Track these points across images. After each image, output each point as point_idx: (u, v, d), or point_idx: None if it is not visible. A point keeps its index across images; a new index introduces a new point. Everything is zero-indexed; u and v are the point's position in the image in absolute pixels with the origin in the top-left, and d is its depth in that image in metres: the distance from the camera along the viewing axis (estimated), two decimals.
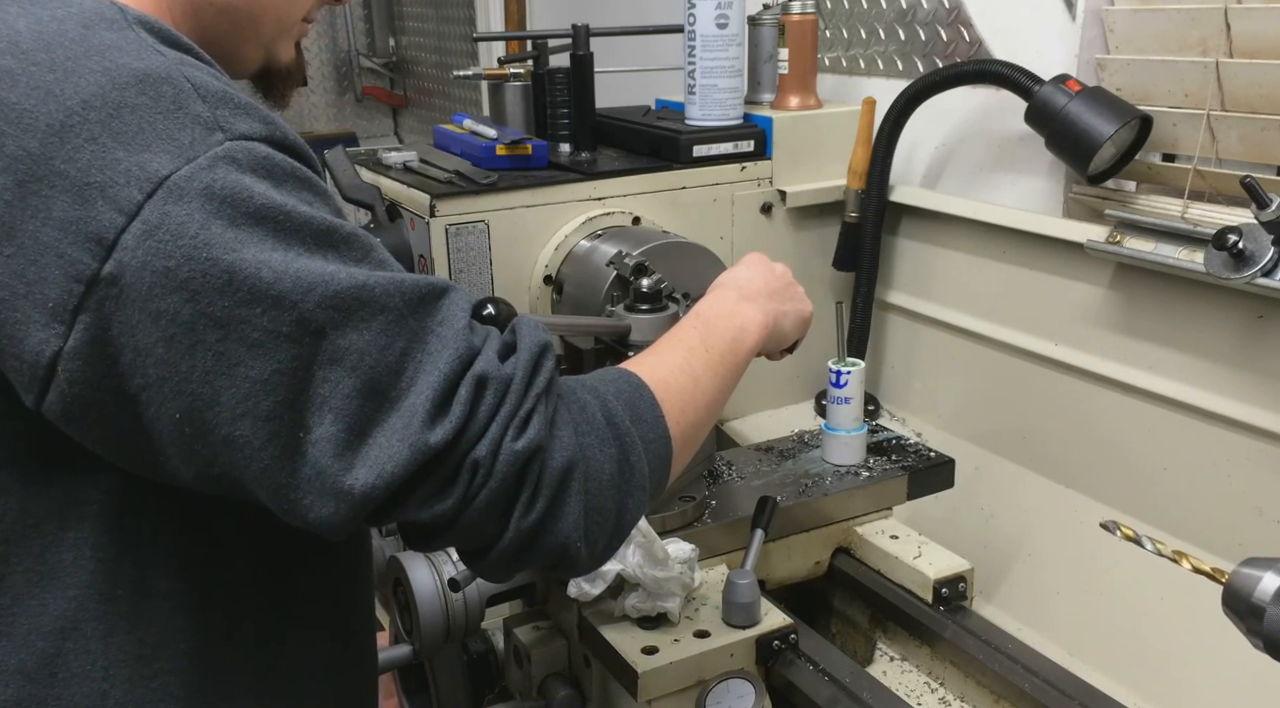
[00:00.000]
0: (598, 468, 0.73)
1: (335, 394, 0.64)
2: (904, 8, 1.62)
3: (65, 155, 0.62)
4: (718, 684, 1.07)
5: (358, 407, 0.64)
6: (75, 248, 0.62)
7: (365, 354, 0.65)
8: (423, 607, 1.14)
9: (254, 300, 0.62)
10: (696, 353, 0.87)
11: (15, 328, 0.63)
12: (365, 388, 0.65)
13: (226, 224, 0.62)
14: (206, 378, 0.63)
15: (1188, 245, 1.21)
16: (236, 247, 0.62)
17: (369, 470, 0.64)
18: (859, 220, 1.61)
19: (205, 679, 0.76)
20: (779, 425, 1.61)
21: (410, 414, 0.65)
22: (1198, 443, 1.27)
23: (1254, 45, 1.20)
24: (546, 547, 0.71)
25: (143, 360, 0.63)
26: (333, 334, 0.64)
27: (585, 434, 0.73)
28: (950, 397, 1.61)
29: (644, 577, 1.08)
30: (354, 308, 0.64)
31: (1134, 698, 1.13)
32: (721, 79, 1.57)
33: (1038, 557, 1.40)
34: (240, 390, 0.63)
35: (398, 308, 0.66)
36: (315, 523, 0.66)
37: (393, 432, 0.65)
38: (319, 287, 0.63)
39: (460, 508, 0.68)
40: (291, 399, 0.64)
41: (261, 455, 0.64)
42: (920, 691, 1.20)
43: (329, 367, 0.64)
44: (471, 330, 0.70)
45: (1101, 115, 1.29)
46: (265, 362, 0.63)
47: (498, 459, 0.68)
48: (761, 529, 1.17)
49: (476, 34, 3.12)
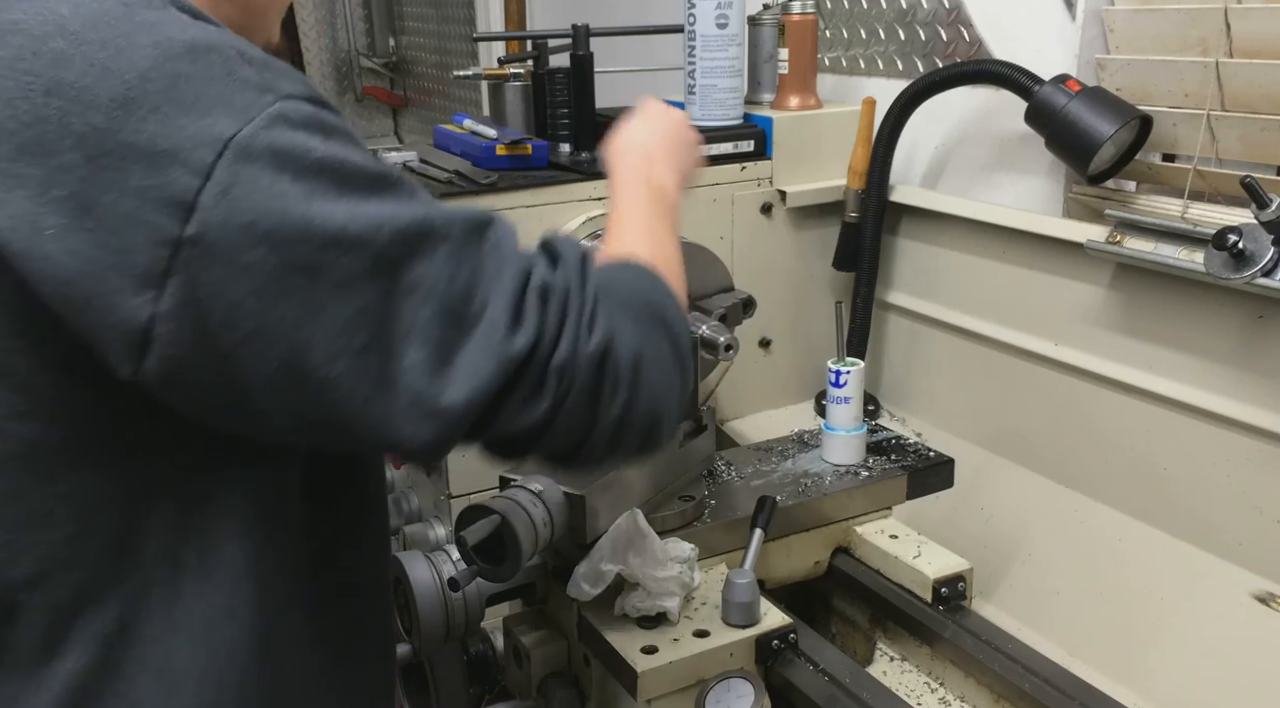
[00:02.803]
0: (656, 349, 0.80)
1: (418, 322, 0.69)
2: (904, 8, 1.62)
3: (132, 127, 0.64)
4: (717, 684, 1.07)
5: (440, 331, 0.70)
6: (156, 214, 0.64)
7: (437, 281, 0.70)
8: (422, 606, 1.14)
9: (332, 245, 0.66)
10: (658, 232, 0.95)
11: (106, 299, 0.65)
12: (443, 312, 0.70)
13: (293, 178, 0.66)
14: (298, 324, 0.66)
15: (1188, 245, 1.21)
16: (307, 197, 0.66)
17: (461, 387, 0.70)
18: (859, 220, 1.61)
19: (267, 642, 0.79)
20: (779, 425, 1.61)
21: (490, 330, 0.71)
22: (1198, 443, 1.27)
23: (1254, 45, 1.20)
24: (634, 431, 0.79)
25: (235, 315, 0.66)
26: (405, 267, 0.69)
27: (639, 322, 0.79)
28: (950, 397, 1.61)
29: (644, 577, 1.08)
30: (420, 240, 0.69)
31: (1134, 698, 1.13)
32: (721, 79, 1.57)
33: (1037, 557, 1.40)
34: (331, 332, 0.67)
35: (457, 236, 0.72)
36: (418, 449, 0.71)
37: (477, 349, 0.70)
38: (386, 225, 0.68)
39: (553, 412, 0.74)
40: (379, 333, 0.68)
41: (359, 392, 0.68)
42: (920, 691, 1.20)
43: (407, 297, 0.69)
44: (520, 248, 0.76)
45: (1101, 115, 1.29)
46: (350, 301, 0.67)
47: (578, 360, 0.74)
48: (761, 529, 1.17)
49: (476, 34, 3.12)
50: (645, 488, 1.20)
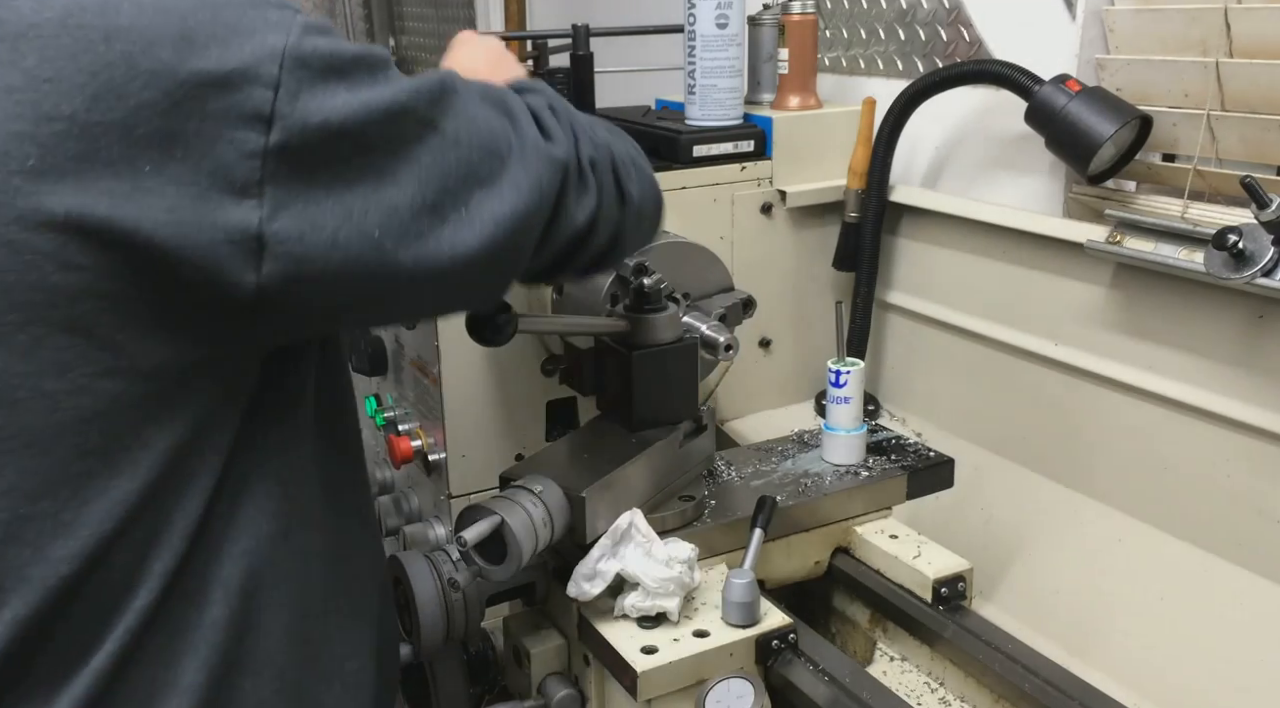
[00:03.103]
0: (624, 141, 1.00)
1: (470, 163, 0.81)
2: (904, 8, 1.62)
3: (197, 55, 0.69)
4: (717, 684, 1.07)
5: (491, 167, 0.82)
6: (241, 130, 0.70)
7: (471, 126, 0.82)
8: (422, 607, 1.14)
9: (387, 120, 0.76)
10: None
11: (212, 217, 0.70)
12: (487, 151, 0.82)
13: (338, 76, 0.74)
14: (378, 191, 0.76)
15: (1188, 245, 1.21)
16: (352, 88, 0.74)
17: (527, 190, 0.84)
18: (859, 220, 1.61)
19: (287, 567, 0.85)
20: (779, 425, 1.61)
21: (532, 148, 0.86)
22: (1198, 443, 1.27)
23: (1254, 45, 1.20)
24: (648, 214, 1.01)
25: (329, 203, 0.74)
26: (443, 122, 0.80)
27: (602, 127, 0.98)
28: (950, 397, 1.61)
29: (644, 577, 1.08)
30: (445, 98, 0.81)
31: (1134, 698, 1.13)
32: (721, 79, 1.57)
33: (1037, 557, 1.40)
34: (409, 191, 0.77)
35: (463, 90, 0.83)
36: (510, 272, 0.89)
37: (527, 164, 0.85)
38: (418, 93, 0.78)
39: (598, 206, 0.92)
40: (447, 181, 0.79)
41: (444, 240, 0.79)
42: (920, 691, 1.20)
43: (454, 147, 0.80)
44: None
45: (1101, 115, 1.29)
46: (414, 162, 0.78)
47: (597, 154, 0.92)
48: (761, 529, 1.17)
49: None
50: (645, 488, 1.20)
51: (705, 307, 1.32)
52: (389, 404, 1.57)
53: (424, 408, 1.44)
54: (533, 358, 1.41)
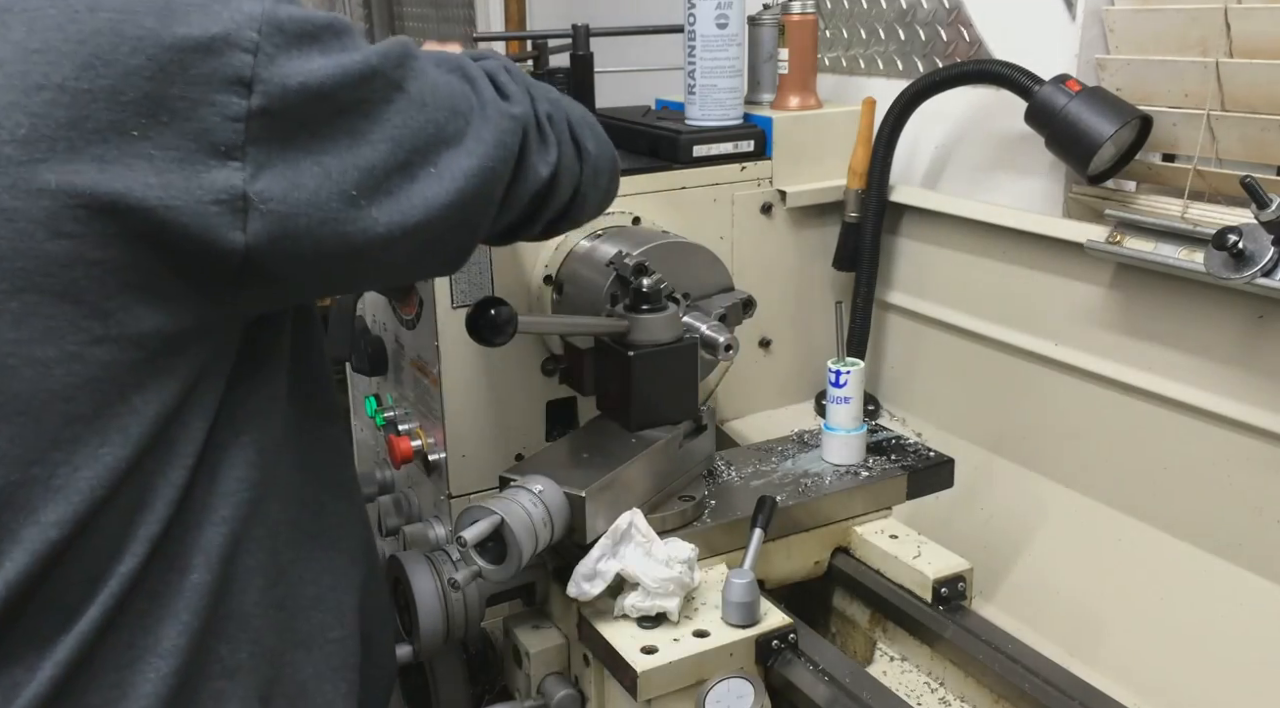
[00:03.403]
0: (583, 110, 1.04)
1: (437, 123, 0.84)
2: (904, 8, 1.62)
3: (180, 22, 0.71)
4: (717, 684, 1.07)
5: (457, 126, 0.85)
6: (222, 93, 0.72)
7: (436, 88, 0.84)
8: (422, 607, 1.14)
9: (359, 82, 0.78)
10: None
11: (199, 180, 0.72)
12: (451, 111, 0.85)
13: (311, 40, 0.76)
14: (353, 151, 0.78)
15: (1188, 245, 1.21)
16: (326, 53, 0.76)
17: (491, 145, 0.87)
18: (859, 220, 1.61)
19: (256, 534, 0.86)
20: (779, 425, 1.61)
21: (493, 107, 0.89)
22: (1198, 443, 1.27)
23: (1254, 45, 1.20)
24: (605, 172, 1.04)
25: (308, 163, 0.76)
26: (408, 85, 0.82)
27: (554, 92, 1.02)
28: (950, 397, 1.61)
29: (643, 577, 1.08)
30: (408, 62, 0.83)
31: (1134, 698, 1.13)
32: (721, 79, 1.56)
33: (1038, 557, 1.40)
34: (383, 148, 0.80)
35: (427, 56, 0.87)
36: (481, 230, 0.92)
37: (489, 122, 0.88)
38: (385, 56, 0.80)
39: (558, 161, 0.96)
40: (417, 140, 0.82)
41: (416, 196, 0.82)
42: (920, 691, 1.20)
43: (420, 109, 0.82)
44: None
45: (1101, 115, 1.29)
46: (385, 123, 0.80)
47: (554, 111, 0.97)
48: (761, 529, 1.17)
49: (476, 34, 3.11)
50: (645, 488, 1.20)
51: (705, 307, 1.32)
52: (389, 404, 1.57)
53: (424, 408, 1.44)
54: (533, 358, 1.41)
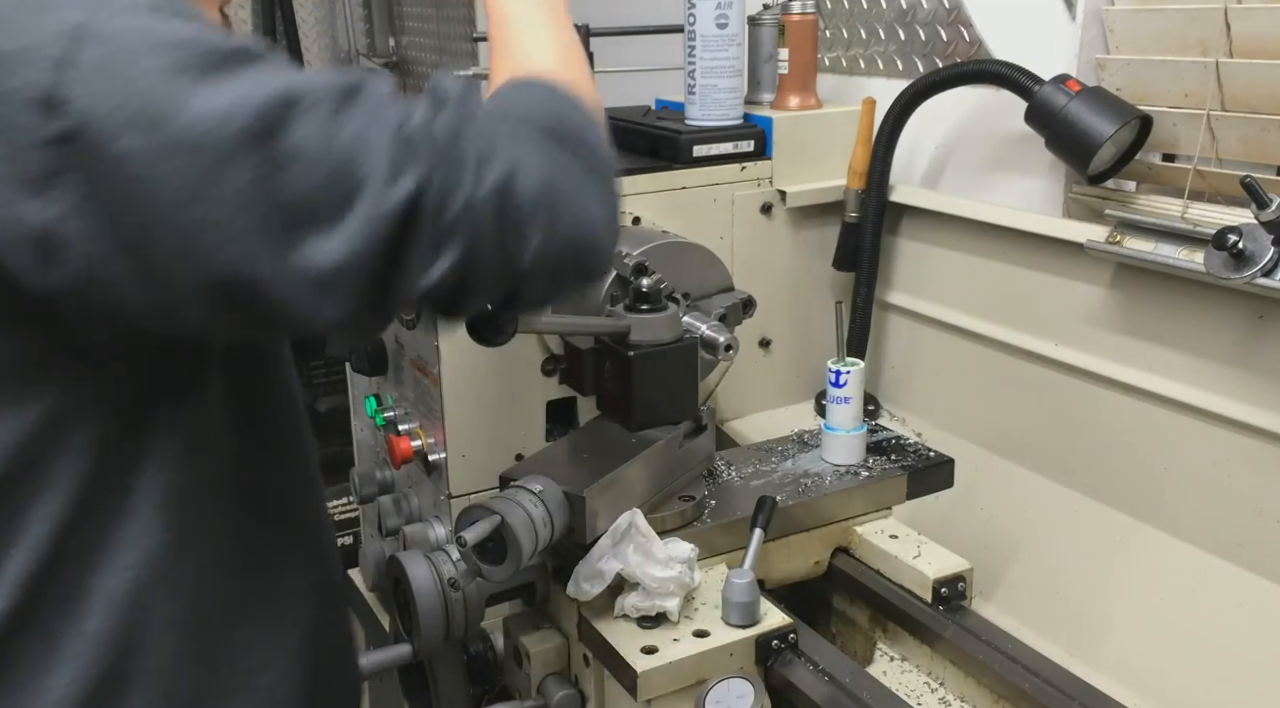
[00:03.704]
0: (567, 169, 0.76)
1: (301, 191, 0.67)
2: (904, 8, 1.62)
3: None
4: (717, 684, 1.07)
5: (327, 197, 0.68)
6: (26, 115, 0.63)
7: (314, 147, 0.68)
8: (422, 606, 1.14)
9: (200, 122, 0.65)
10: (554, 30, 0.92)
11: (5, 211, 0.65)
12: (327, 179, 0.68)
13: (152, 59, 0.65)
14: (186, 206, 0.65)
15: (1188, 245, 1.21)
16: (167, 77, 0.65)
17: (346, 243, 0.68)
18: (859, 220, 1.61)
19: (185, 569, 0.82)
20: (779, 425, 1.61)
21: (370, 187, 0.68)
22: (1198, 443, 1.27)
23: (1254, 45, 1.20)
24: (568, 260, 0.77)
25: (127, 205, 0.65)
26: (279, 136, 0.67)
27: (544, 145, 0.76)
28: (950, 397, 1.61)
29: (643, 576, 1.08)
30: (289, 108, 0.67)
31: (1134, 698, 1.13)
32: (721, 79, 1.56)
33: (1037, 557, 1.40)
34: (219, 211, 0.66)
35: (327, 101, 0.69)
36: (325, 322, 0.71)
37: (361, 208, 0.68)
38: (253, 96, 0.66)
39: (463, 265, 0.72)
40: (267, 207, 0.67)
41: (259, 268, 0.68)
42: (920, 691, 1.20)
43: (287, 168, 0.67)
44: (398, 101, 0.73)
45: (1101, 115, 1.29)
46: (232, 178, 0.66)
47: (476, 204, 0.71)
48: (761, 529, 1.17)
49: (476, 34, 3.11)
50: (645, 488, 1.20)
51: (705, 307, 1.32)
52: (389, 404, 1.57)
53: (424, 408, 1.44)
54: (533, 358, 1.41)
